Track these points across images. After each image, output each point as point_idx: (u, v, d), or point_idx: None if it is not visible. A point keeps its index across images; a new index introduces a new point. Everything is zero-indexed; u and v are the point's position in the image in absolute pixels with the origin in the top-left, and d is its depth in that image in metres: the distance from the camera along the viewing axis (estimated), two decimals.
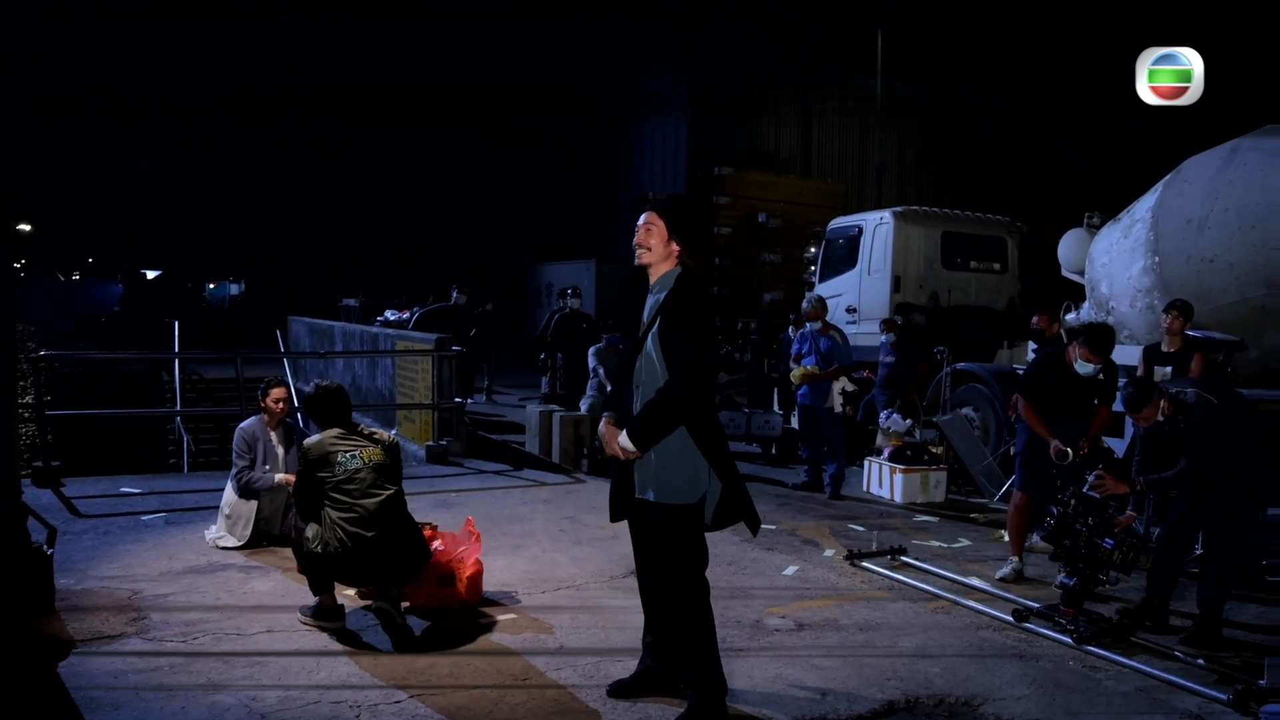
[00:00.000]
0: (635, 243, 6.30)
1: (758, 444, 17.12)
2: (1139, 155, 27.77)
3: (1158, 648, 7.64)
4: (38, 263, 69.88)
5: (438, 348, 16.30)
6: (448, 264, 41.14)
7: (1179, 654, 7.49)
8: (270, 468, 10.25)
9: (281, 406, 10.45)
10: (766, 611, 8.45)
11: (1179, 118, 17.66)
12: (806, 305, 14.91)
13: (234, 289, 72.74)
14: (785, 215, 31.87)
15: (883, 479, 14.29)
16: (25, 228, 56.33)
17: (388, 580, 7.68)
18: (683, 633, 6.16)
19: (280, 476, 10.08)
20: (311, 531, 7.53)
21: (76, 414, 19.27)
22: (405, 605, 7.91)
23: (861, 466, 15.00)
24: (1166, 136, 22.61)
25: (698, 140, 38.17)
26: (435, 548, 8.26)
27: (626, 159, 42.25)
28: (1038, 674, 7.18)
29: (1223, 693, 6.70)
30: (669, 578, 6.19)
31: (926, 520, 12.76)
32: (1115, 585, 8.38)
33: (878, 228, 19.90)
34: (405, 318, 26.80)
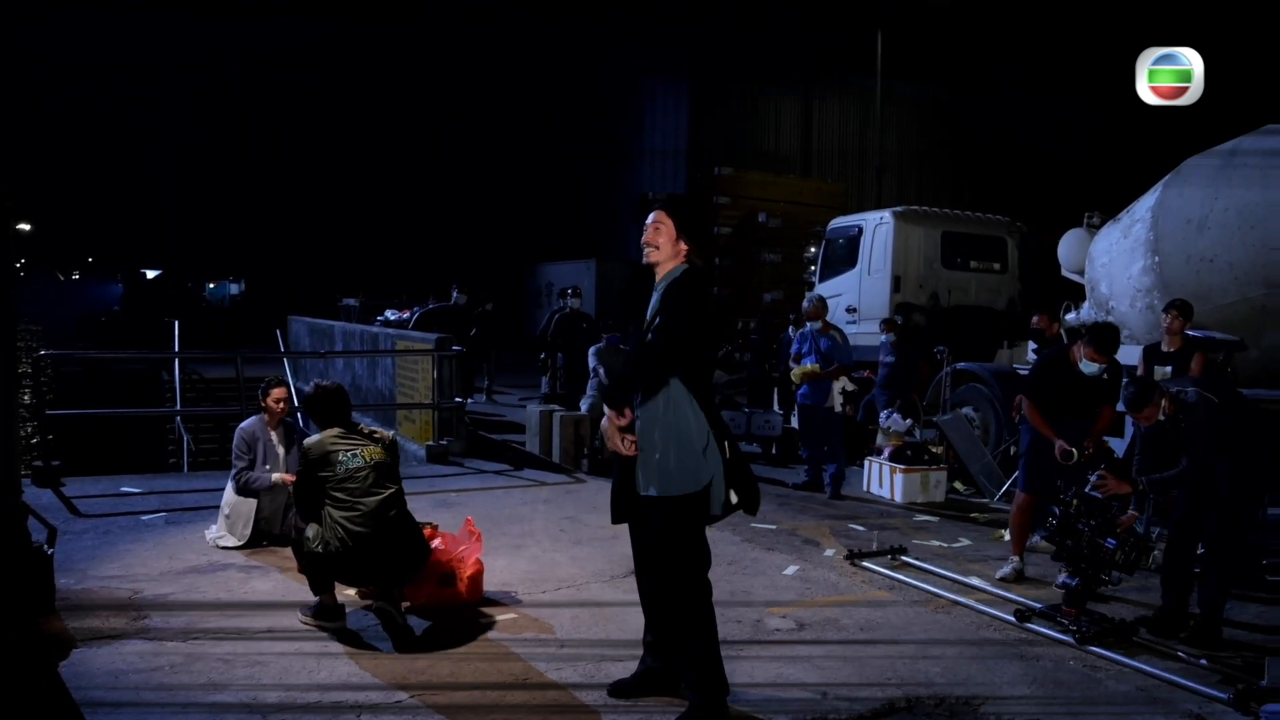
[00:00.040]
0: (644, 241, 6.29)
1: (758, 444, 17.11)
2: (1139, 155, 27.78)
3: (1161, 648, 7.64)
4: (38, 262, 69.92)
5: (438, 347, 16.30)
6: (448, 264, 41.13)
7: (1182, 654, 7.48)
8: (270, 467, 10.25)
9: (282, 406, 10.45)
10: (767, 611, 8.45)
11: (1179, 118, 17.65)
12: (807, 305, 14.91)
13: (234, 288, 72.75)
14: (785, 215, 31.88)
15: (883, 479, 14.29)
16: (25, 227, 56.37)
17: (388, 580, 7.68)
18: (683, 633, 6.14)
19: (277, 476, 10.08)
20: (312, 531, 7.53)
21: (77, 413, 19.26)
22: (406, 605, 7.90)
23: (862, 466, 15.00)
24: (1166, 136, 22.61)
25: (698, 140, 38.18)
26: (435, 547, 8.27)
27: (627, 159, 42.23)
28: (1038, 673, 7.17)
29: (1223, 692, 6.70)
30: (670, 577, 6.16)
31: (927, 520, 12.76)
32: (1118, 585, 8.38)
33: (878, 227, 19.90)
34: (405, 317, 26.79)
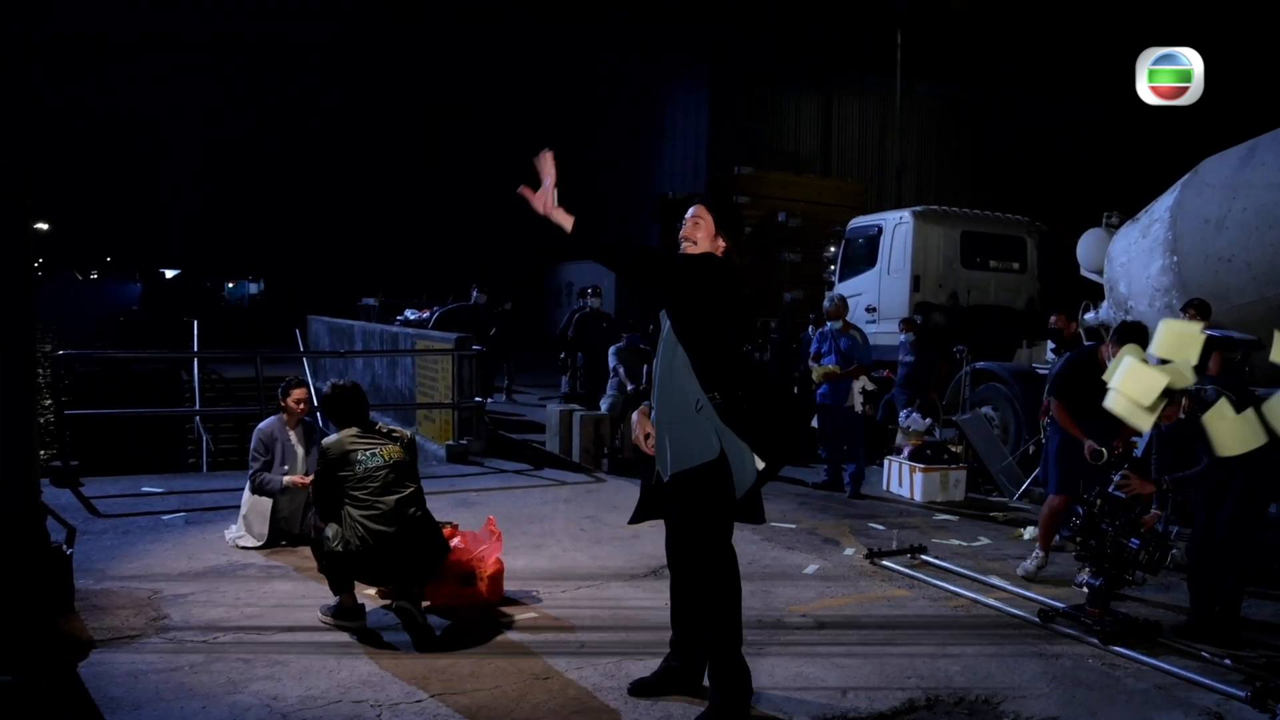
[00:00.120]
0: (681, 236, 6.26)
1: None
2: (1157, 155, 27.73)
3: (1184, 648, 7.61)
4: (56, 262, 70.24)
5: (458, 347, 16.32)
6: (467, 263, 41.17)
7: (1205, 654, 7.46)
8: (289, 468, 10.26)
9: (302, 407, 10.48)
10: (787, 610, 8.45)
11: (1193, 118, 17.63)
12: (828, 304, 14.92)
13: (253, 288, 72.90)
14: (805, 214, 31.80)
15: (902, 478, 14.30)
16: (43, 227, 56.51)
17: (408, 579, 7.68)
18: (707, 633, 6.14)
19: (288, 479, 10.09)
20: (331, 531, 7.54)
21: (95, 414, 19.30)
22: (426, 604, 7.90)
23: (881, 465, 15.02)
24: (1184, 137, 22.56)
25: (717, 140, 38.10)
26: (456, 546, 8.27)
27: (646, 158, 42.18)
28: (1058, 672, 7.16)
29: (1242, 690, 6.70)
30: (695, 569, 6.14)
31: (946, 519, 12.77)
32: (1141, 585, 8.35)
33: (897, 227, 19.90)
34: (425, 317, 26.83)
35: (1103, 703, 6.67)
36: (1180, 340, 7.40)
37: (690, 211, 6.30)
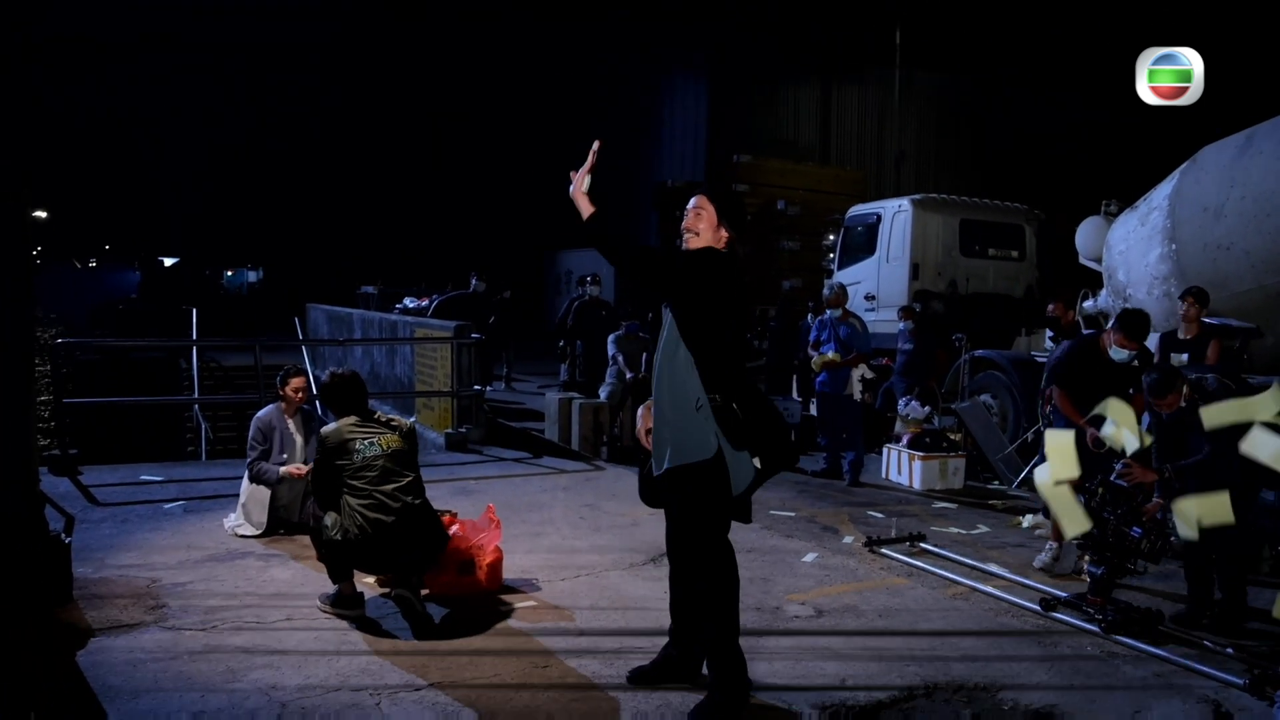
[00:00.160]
0: (684, 227, 6.17)
1: None
2: (1156, 144, 27.72)
3: (1186, 636, 7.63)
4: (54, 250, 69.91)
5: (457, 335, 16.30)
6: (466, 251, 41.12)
7: (1208, 643, 7.46)
8: (288, 456, 10.26)
9: (300, 396, 10.46)
10: (786, 598, 8.46)
11: (1186, 113, 17.63)
12: (827, 293, 14.93)
13: (252, 276, 72.72)
14: (804, 203, 31.87)
15: (901, 466, 14.31)
16: (42, 215, 56.40)
17: (407, 568, 7.68)
18: (705, 623, 6.13)
19: (285, 469, 10.07)
20: (330, 519, 7.54)
21: (94, 402, 19.29)
22: (425, 593, 7.91)
23: (880, 453, 15.03)
24: (1183, 127, 22.56)
25: (717, 128, 38.06)
26: (455, 534, 8.27)
27: (645, 147, 42.13)
28: (1056, 659, 7.18)
29: (1239, 677, 6.71)
30: (692, 560, 6.14)
31: (945, 507, 12.78)
32: (1144, 574, 8.34)
33: (896, 215, 19.91)
34: (424, 305, 26.80)
35: (1101, 691, 6.68)
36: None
37: (692, 202, 6.20)
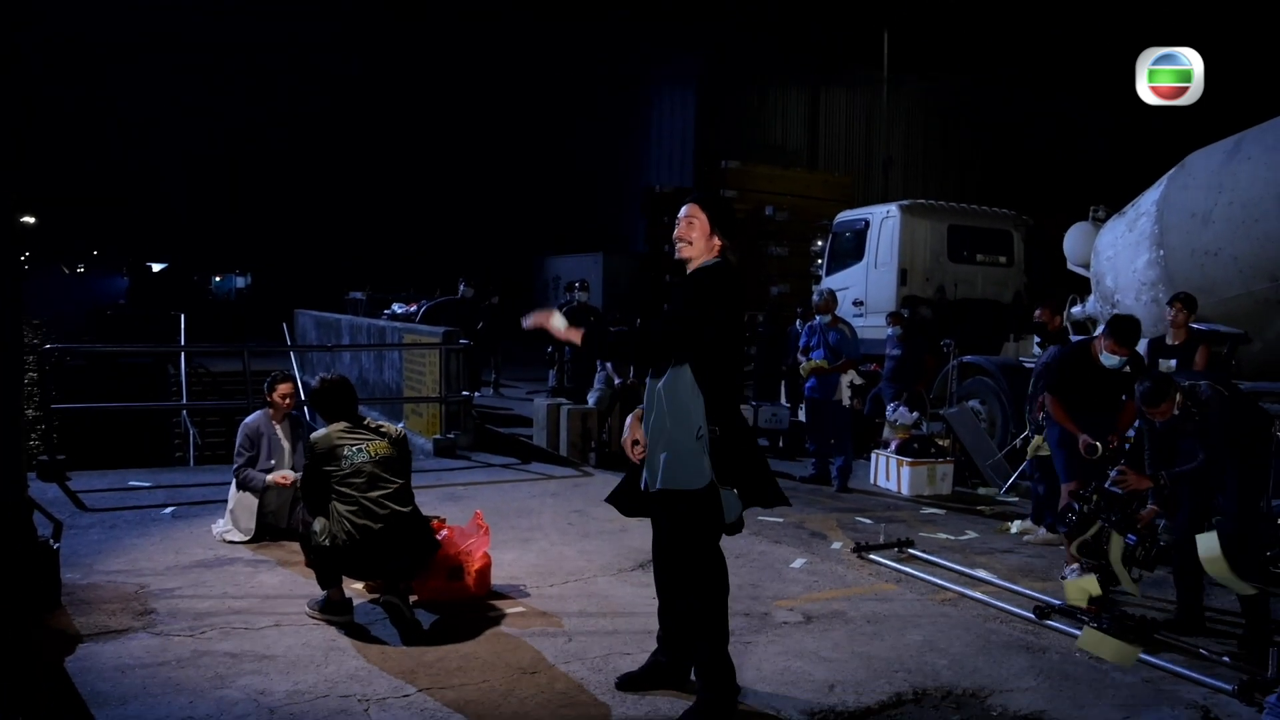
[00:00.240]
0: (676, 236, 6.15)
1: (764, 437, 17.12)
2: (1144, 149, 27.75)
3: (1183, 645, 7.62)
4: (42, 255, 69.83)
5: (445, 341, 16.28)
6: (454, 257, 41.11)
7: (1204, 651, 7.47)
8: (276, 463, 10.25)
9: (288, 402, 10.44)
10: (774, 604, 8.46)
11: (1183, 114, 17.66)
12: (817, 299, 14.92)
13: (240, 282, 72.63)
14: (792, 208, 31.84)
15: (890, 472, 14.34)
16: (30, 220, 56.31)
17: (396, 574, 7.69)
18: (693, 629, 6.13)
19: (271, 477, 10.04)
20: (319, 525, 7.53)
21: (82, 407, 19.30)
22: (413, 598, 7.92)
23: (868, 459, 15.04)
24: (1172, 131, 22.60)
25: (704, 133, 38.06)
26: (443, 540, 8.26)
27: (633, 152, 42.16)
28: (1045, 665, 7.18)
29: (1228, 683, 6.72)
30: (681, 574, 6.14)
31: (934, 513, 12.81)
32: (1139, 581, 8.33)
33: (884, 221, 19.91)
34: (412, 311, 26.79)
35: (1090, 697, 6.68)
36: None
37: (683, 211, 6.17)
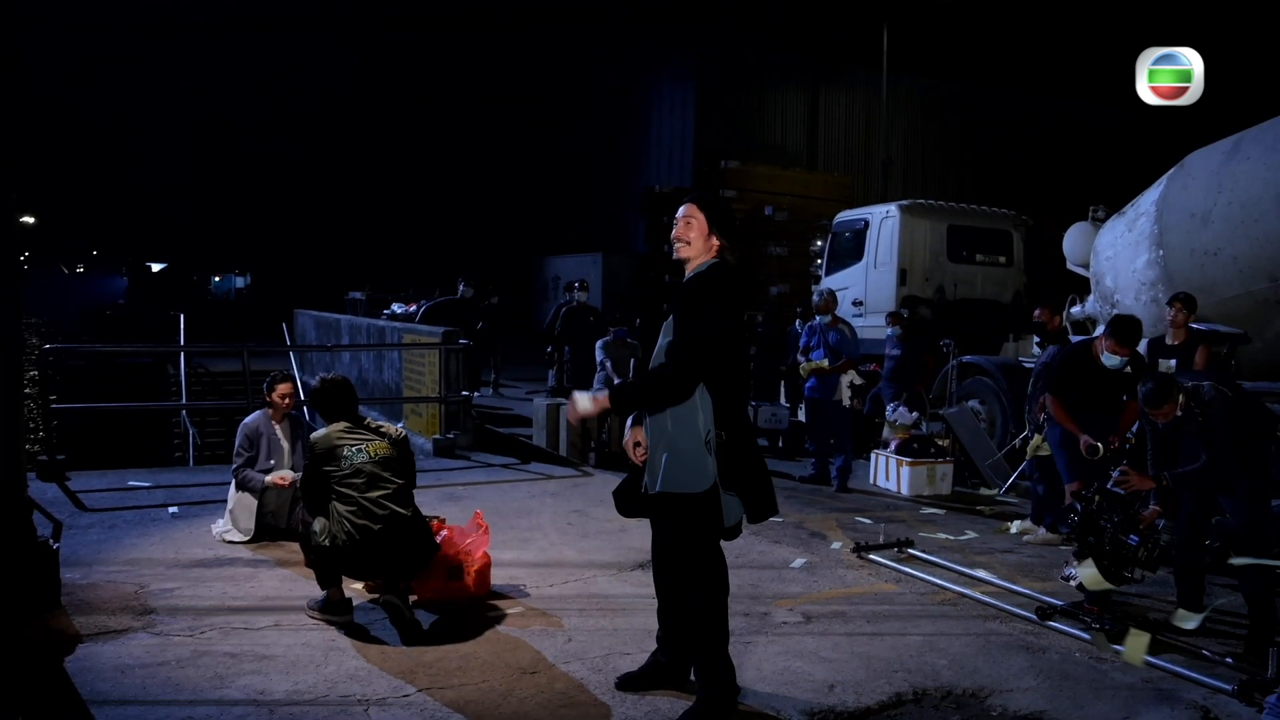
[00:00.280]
0: (674, 236, 6.12)
1: (764, 437, 17.11)
2: (1144, 149, 27.76)
3: (1185, 646, 7.61)
4: (42, 255, 69.88)
5: (444, 341, 16.27)
6: (454, 257, 41.10)
7: (1206, 653, 7.44)
8: (275, 463, 10.25)
9: (288, 402, 10.43)
10: (774, 604, 8.45)
11: (1184, 114, 17.66)
12: (817, 299, 14.91)
13: (240, 282, 72.65)
14: (791, 208, 31.84)
15: (889, 472, 14.32)
16: (29, 220, 56.31)
17: (395, 574, 7.68)
18: (693, 630, 6.12)
19: (270, 478, 10.04)
20: (319, 525, 7.53)
21: (82, 407, 19.31)
22: (413, 598, 7.91)
23: (868, 459, 15.03)
24: (1171, 131, 22.61)
25: (704, 133, 38.11)
26: (442, 540, 8.25)
27: (633, 152, 42.18)
28: (1045, 665, 7.18)
29: (1228, 683, 6.72)
30: (681, 575, 6.14)
31: (933, 513, 12.80)
32: (1140, 582, 8.32)
33: (884, 221, 19.90)
34: (412, 311, 26.77)
35: (1090, 697, 6.67)
36: None
37: (681, 211, 6.14)
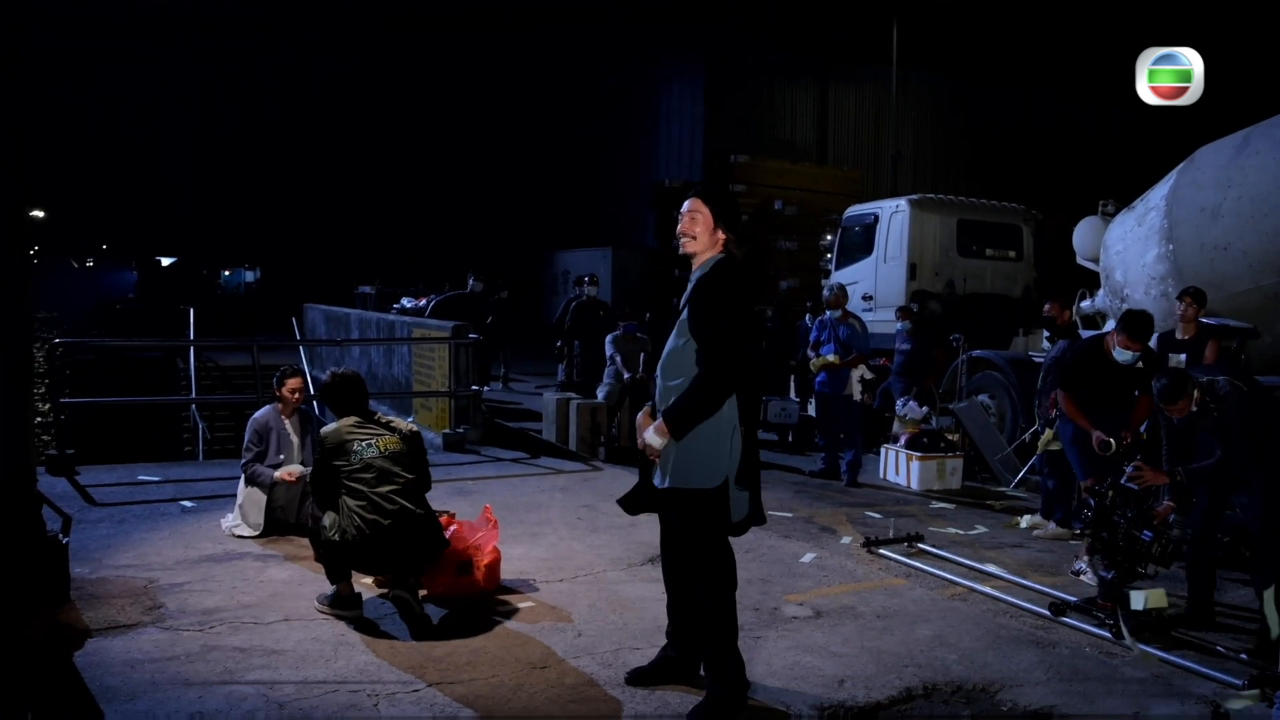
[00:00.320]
0: (679, 231, 6.11)
1: (774, 431, 17.11)
2: (1154, 143, 27.72)
3: (1200, 642, 7.59)
4: (52, 249, 69.96)
5: (454, 335, 16.27)
6: (464, 251, 41.08)
7: (1221, 648, 7.42)
8: (285, 457, 10.25)
9: (297, 397, 10.42)
10: (784, 599, 8.45)
11: (1181, 117, 17.64)
12: (827, 293, 14.91)
13: (249, 276, 72.72)
14: (801, 203, 31.84)
15: (899, 466, 14.30)
16: (39, 214, 56.37)
17: (405, 569, 7.68)
18: (703, 625, 6.12)
19: (279, 474, 10.05)
20: (329, 520, 7.53)
21: (91, 402, 19.30)
22: (423, 593, 7.91)
23: (878, 454, 15.01)
24: (1180, 126, 22.57)
25: (713, 128, 38.03)
26: (452, 535, 8.24)
27: (643, 147, 42.13)
28: (1055, 660, 7.17)
29: (1238, 678, 6.70)
30: (690, 570, 6.13)
31: (943, 507, 12.77)
32: (1154, 578, 8.29)
33: (894, 215, 19.89)
34: (421, 305, 26.75)
35: (1100, 692, 6.67)
36: None
37: (686, 205, 6.13)
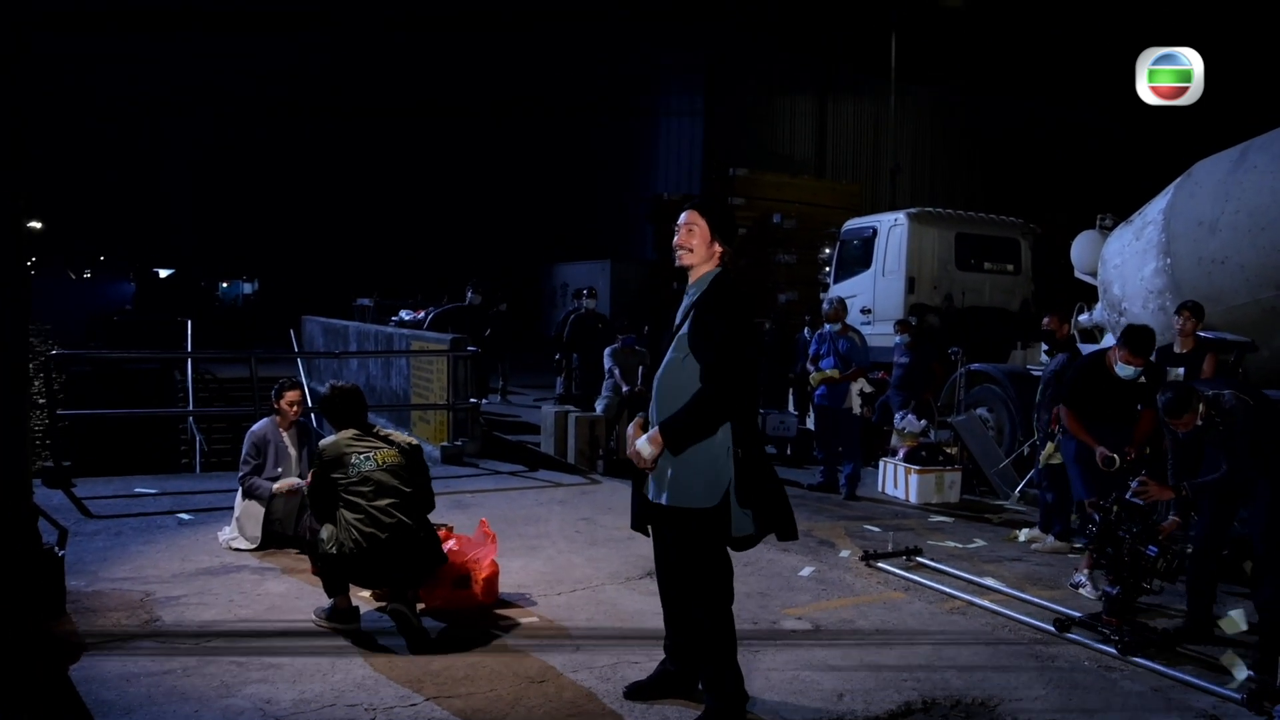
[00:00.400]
0: (676, 243, 6.10)
1: (772, 444, 17.08)
2: (1151, 157, 27.73)
3: (1204, 658, 7.58)
4: (49, 261, 69.92)
5: (453, 348, 16.26)
6: (462, 264, 41.09)
7: (1220, 660, 7.42)
8: (283, 470, 10.22)
9: (295, 410, 10.41)
10: (783, 612, 8.44)
11: (1190, 118, 17.64)
12: (827, 307, 14.91)
13: (247, 288, 72.67)
14: (800, 216, 31.86)
15: (898, 479, 14.29)
16: (36, 225, 56.36)
17: (403, 582, 7.66)
18: (700, 639, 6.11)
19: (277, 486, 10.03)
20: (326, 533, 7.51)
21: (88, 413, 19.28)
22: (420, 607, 7.89)
23: (876, 467, 15.01)
24: (1178, 138, 22.60)
25: (712, 141, 38.09)
26: (450, 548, 8.23)
27: (642, 160, 42.18)
28: (1054, 674, 7.16)
29: (1237, 692, 6.70)
30: (688, 585, 6.12)
31: (942, 521, 12.77)
32: (1159, 593, 8.28)
33: (892, 229, 19.90)
34: (420, 317, 26.74)
35: (1099, 705, 6.67)
36: None
37: (682, 218, 6.14)
